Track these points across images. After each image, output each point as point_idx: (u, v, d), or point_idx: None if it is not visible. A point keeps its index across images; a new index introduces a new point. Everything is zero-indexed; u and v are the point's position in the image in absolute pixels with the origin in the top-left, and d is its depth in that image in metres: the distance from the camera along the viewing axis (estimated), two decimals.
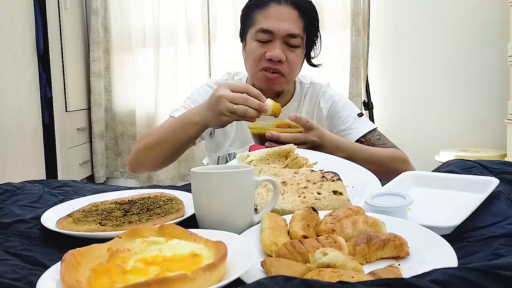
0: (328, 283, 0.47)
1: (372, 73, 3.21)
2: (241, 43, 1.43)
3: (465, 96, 3.15)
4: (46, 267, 0.58)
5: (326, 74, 3.29)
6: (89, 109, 3.66)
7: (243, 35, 1.40)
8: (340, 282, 0.48)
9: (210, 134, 1.47)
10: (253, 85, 1.38)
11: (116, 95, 3.69)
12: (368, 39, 3.13)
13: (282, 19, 1.27)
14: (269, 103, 1.13)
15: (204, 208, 0.73)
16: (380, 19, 3.22)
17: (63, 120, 3.25)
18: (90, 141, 3.68)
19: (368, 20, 3.12)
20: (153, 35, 3.56)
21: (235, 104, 1.08)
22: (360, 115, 1.44)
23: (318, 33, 1.37)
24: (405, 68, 3.25)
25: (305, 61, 1.43)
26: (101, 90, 3.62)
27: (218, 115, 1.12)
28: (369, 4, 3.10)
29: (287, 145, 1.01)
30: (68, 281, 0.50)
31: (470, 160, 1.02)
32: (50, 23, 3.08)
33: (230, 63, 3.31)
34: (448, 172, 0.90)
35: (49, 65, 3.08)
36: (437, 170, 1.01)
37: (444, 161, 1.09)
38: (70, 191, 1.01)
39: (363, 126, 1.40)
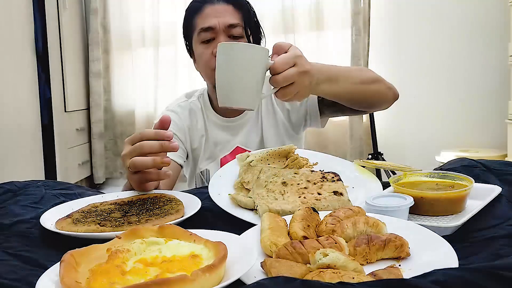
0: (328, 284, 0.47)
1: None
2: (191, 58, 1.43)
3: (466, 96, 3.15)
4: (46, 268, 0.57)
5: None
6: (88, 109, 3.66)
7: (190, 49, 1.41)
8: (341, 283, 0.48)
9: (187, 157, 1.44)
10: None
11: (115, 95, 3.68)
12: (369, 39, 3.13)
13: (219, 15, 1.29)
14: None
15: (223, 75, 0.89)
16: (380, 19, 3.22)
17: (62, 121, 3.25)
18: (89, 142, 3.68)
19: (369, 20, 3.12)
20: (153, 35, 3.56)
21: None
22: None
23: (261, 29, 1.37)
24: (405, 68, 3.25)
25: None
26: (100, 90, 3.62)
27: (128, 179, 0.97)
28: (369, 4, 3.11)
29: (287, 145, 1.01)
30: (67, 282, 0.50)
31: (473, 160, 1.02)
32: (49, 23, 3.08)
33: None
34: (450, 170, 0.90)
35: (48, 65, 3.08)
36: (439, 168, 1.01)
37: (445, 161, 1.09)
38: (72, 193, 1.01)
39: None
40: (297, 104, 1.38)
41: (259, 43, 1.38)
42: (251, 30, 1.33)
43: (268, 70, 0.91)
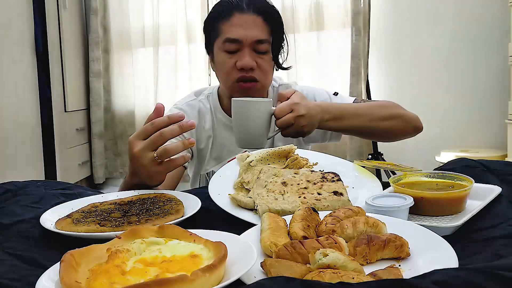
0: (328, 284, 0.47)
1: (372, 73, 3.21)
2: (208, 55, 1.40)
3: (466, 97, 3.15)
4: (45, 268, 0.57)
5: (326, 74, 3.30)
6: (88, 109, 3.65)
7: (208, 47, 1.37)
8: (341, 283, 0.48)
9: (191, 156, 1.43)
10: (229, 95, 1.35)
11: (115, 95, 3.68)
12: (369, 39, 3.13)
13: (247, 27, 1.26)
14: None
15: (239, 126, 1.15)
16: (380, 19, 3.22)
17: (62, 120, 3.25)
18: (89, 142, 3.68)
19: (369, 20, 3.12)
20: (153, 35, 3.56)
21: (154, 150, 0.91)
22: (336, 94, 1.43)
23: (285, 35, 1.36)
24: (405, 68, 3.25)
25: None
26: (100, 90, 3.62)
27: (147, 174, 0.94)
28: (369, 4, 3.10)
29: (287, 145, 1.01)
30: (67, 282, 0.50)
31: (473, 160, 1.02)
32: (49, 23, 3.08)
33: None
34: (450, 170, 0.89)
35: (48, 65, 3.08)
36: (440, 168, 1.01)
37: (445, 161, 1.09)
38: (72, 193, 1.01)
39: (343, 101, 1.39)
40: None
41: (279, 49, 1.35)
42: (278, 44, 1.31)
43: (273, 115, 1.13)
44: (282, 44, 1.35)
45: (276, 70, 1.40)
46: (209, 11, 1.35)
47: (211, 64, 1.40)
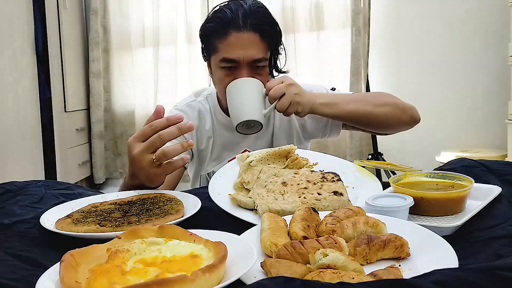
0: (328, 284, 0.47)
1: (372, 73, 3.21)
2: (205, 61, 1.38)
3: (466, 97, 3.15)
4: (45, 268, 0.57)
5: (326, 74, 3.30)
6: (88, 109, 3.65)
7: (204, 55, 1.36)
8: (341, 283, 0.48)
9: (192, 157, 1.43)
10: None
11: (115, 95, 3.68)
12: (369, 39, 3.13)
13: (244, 46, 1.23)
14: None
15: (233, 101, 1.21)
16: (380, 19, 3.22)
17: (62, 121, 3.25)
18: (89, 142, 3.68)
19: (369, 20, 3.12)
20: (153, 35, 3.56)
21: (153, 152, 0.91)
22: (333, 89, 1.42)
23: (284, 50, 1.34)
24: (405, 68, 3.25)
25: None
26: (100, 90, 3.62)
27: (146, 176, 0.94)
28: (369, 4, 3.10)
29: (287, 145, 1.01)
30: (67, 282, 0.50)
31: (473, 160, 1.02)
32: (49, 23, 3.08)
33: None
34: (450, 171, 0.89)
35: (48, 65, 3.08)
36: (439, 168, 1.01)
37: (445, 161, 1.09)
38: (72, 193, 1.01)
39: None
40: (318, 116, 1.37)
41: (276, 59, 1.33)
42: (275, 55, 1.30)
43: (267, 97, 1.17)
44: (280, 52, 1.34)
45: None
46: (204, 20, 1.32)
47: (208, 70, 1.39)
